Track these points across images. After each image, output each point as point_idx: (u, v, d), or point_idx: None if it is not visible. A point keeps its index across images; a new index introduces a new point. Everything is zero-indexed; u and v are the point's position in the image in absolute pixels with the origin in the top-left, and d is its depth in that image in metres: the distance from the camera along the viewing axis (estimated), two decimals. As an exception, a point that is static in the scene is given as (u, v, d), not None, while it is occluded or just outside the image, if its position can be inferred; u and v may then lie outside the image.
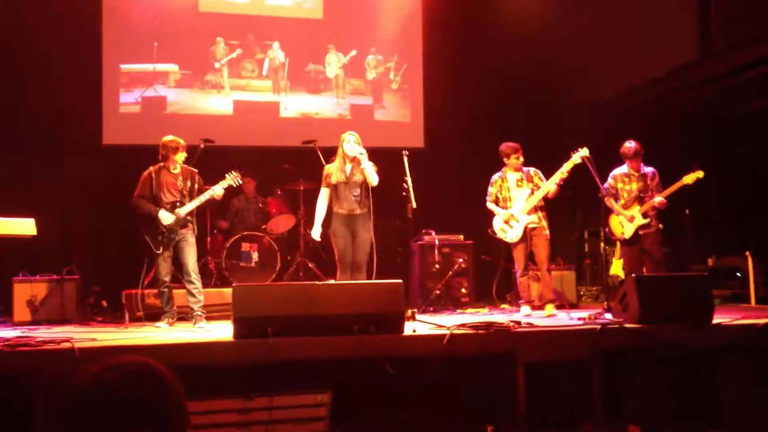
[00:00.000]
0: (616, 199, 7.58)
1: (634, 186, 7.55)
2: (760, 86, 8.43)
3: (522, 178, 7.65)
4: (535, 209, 7.55)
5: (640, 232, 7.46)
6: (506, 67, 10.60)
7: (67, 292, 7.59)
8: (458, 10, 10.68)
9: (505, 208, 7.65)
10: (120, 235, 8.98)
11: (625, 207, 7.51)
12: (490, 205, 7.73)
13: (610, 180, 7.66)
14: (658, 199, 7.33)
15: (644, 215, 7.41)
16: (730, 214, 8.87)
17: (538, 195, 7.49)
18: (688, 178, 7.25)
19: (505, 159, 7.70)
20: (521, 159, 7.66)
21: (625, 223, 7.48)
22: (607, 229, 7.76)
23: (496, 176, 7.78)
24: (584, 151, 7.29)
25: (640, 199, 7.48)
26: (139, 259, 7.12)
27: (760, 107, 8.57)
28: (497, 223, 7.69)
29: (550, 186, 7.44)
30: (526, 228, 7.54)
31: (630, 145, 7.54)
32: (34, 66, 9.38)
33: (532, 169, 7.69)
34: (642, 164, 7.58)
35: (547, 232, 7.59)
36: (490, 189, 7.77)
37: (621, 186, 7.62)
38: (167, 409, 1.65)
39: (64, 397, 1.63)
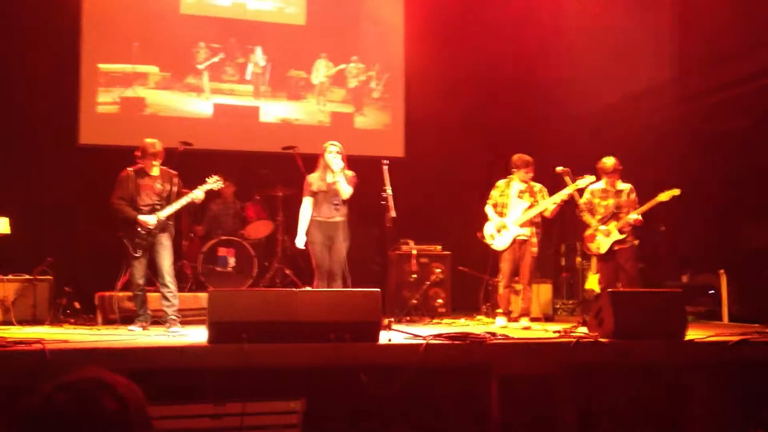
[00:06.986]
0: (593, 213, 7.60)
1: (611, 202, 7.56)
2: (735, 105, 8.53)
3: (525, 190, 7.64)
4: (530, 224, 7.57)
5: (616, 248, 7.46)
6: (487, 78, 10.63)
7: (40, 292, 7.51)
8: (441, 20, 10.70)
9: (500, 215, 7.64)
10: (94, 236, 8.88)
11: (602, 222, 7.52)
12: (488, 209, 7.72)
13: (587, 194, 7.67)
14: (634, 216, 7.35)
15: (620, 231, 7.43)
16: (704, 231, 8.95)
17: (535, 210, 7.51)
18: (663, 196, 7.28)
19: (514, 170, 7.69)
20: (530, 174, 7.65)
21: (602, 238, 7.49)
22: (583, 244, 7.81)
23: (501, 181, 7.78)
24: (590, 178, 7.36)
25: (616, 215, 7.49)
26: (113, 260, 7.02)
27: (735, 126, 8.67)
28: (488, 229, 7.68)
29: (548, 204, 7.47)
30: (514, 239, 7.55)
31: (608, 160, 7.57)
32: (9, 62, 9.25)
33: (538, 185, 7.69)
34: (619, 180, 7.60)
35: (536, 249, 7.61)
36: (493, 192, 7.76)
37: (597, 201, 7.63)
38: (128, 429, 1.55)
39: (13, 421, 1.51)
